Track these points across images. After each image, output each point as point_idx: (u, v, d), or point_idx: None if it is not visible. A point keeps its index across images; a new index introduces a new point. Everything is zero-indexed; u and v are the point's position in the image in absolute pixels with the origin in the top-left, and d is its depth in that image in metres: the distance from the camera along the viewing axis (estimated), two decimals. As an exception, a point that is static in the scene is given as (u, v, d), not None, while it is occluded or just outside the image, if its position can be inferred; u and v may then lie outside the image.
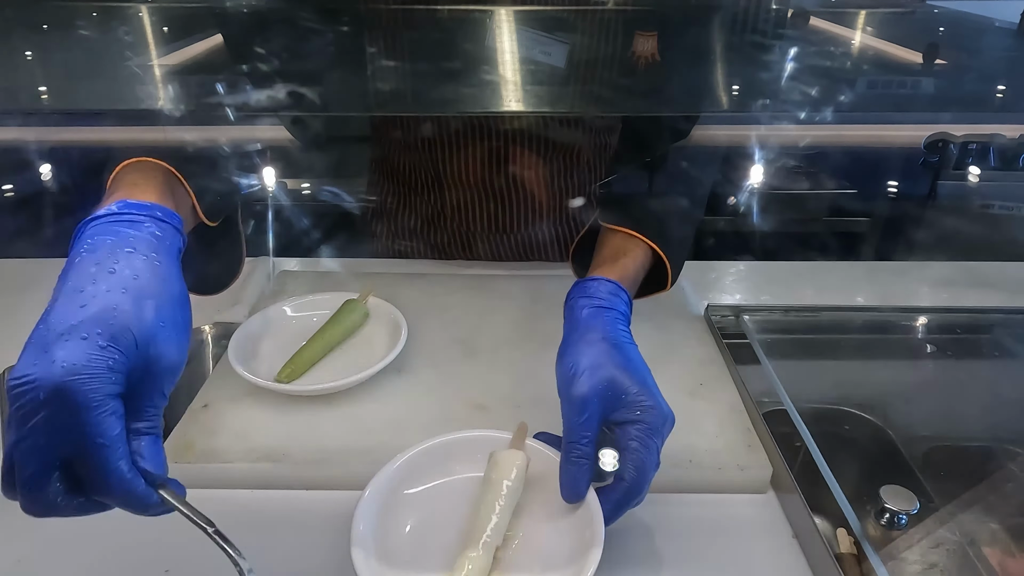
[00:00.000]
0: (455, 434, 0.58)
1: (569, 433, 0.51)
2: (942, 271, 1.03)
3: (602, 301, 0.58)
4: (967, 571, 0.57)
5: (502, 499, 0.52)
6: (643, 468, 0.50)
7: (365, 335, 0.79)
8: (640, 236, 0.67)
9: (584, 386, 0.52)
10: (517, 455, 0.54)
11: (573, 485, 0.51)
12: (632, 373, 0.52)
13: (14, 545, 0.57)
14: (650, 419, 0.51)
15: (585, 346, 0.54)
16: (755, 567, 0.56)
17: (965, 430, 0.77)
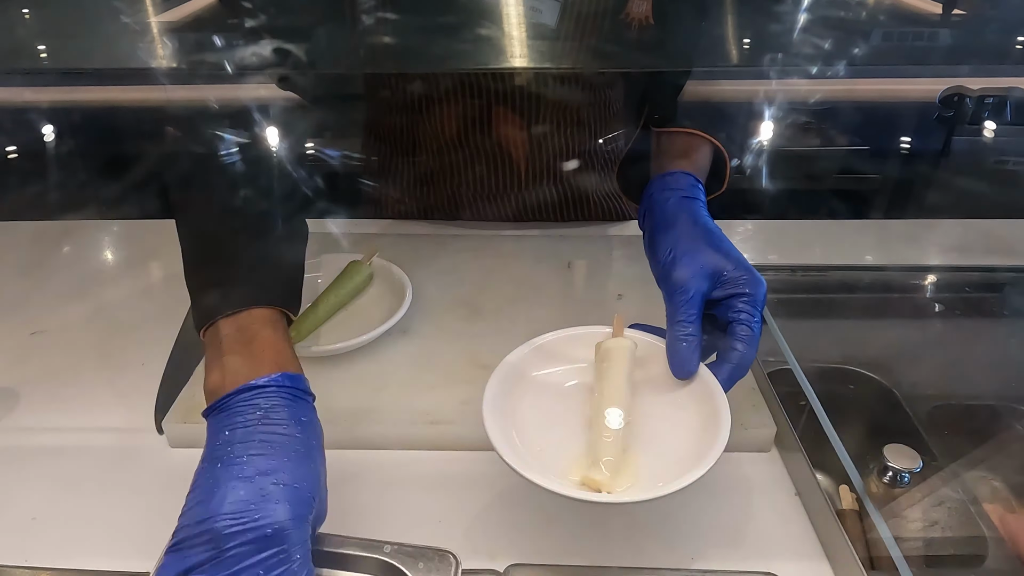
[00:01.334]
0: (557, 333, 0.59)
1: (675, 313, 0.54)
2: (954, 229, 1.01)
3: (685, 192, 0.61)
4: (968, 528, 0.58)
5: (622, 382, 0.53)
6: (753, 338, 0.53)
7: (370, 296, 0.79)
8: (707, 136, 0.69)
9: (686, 267, 0.55)
10: (624, 341, 0.56)
11: (684, 362, 0.53)
12: (727, 251, 0.56)
13: (30, 503, 0.58)
14: (752, 289, 0.53)
15: (678, 231, 0.57)
16: (758, 523, 0.57)
17: (972, 389, 0.77)
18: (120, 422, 0.66)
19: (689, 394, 0.54)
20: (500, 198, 0.94)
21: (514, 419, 0.53)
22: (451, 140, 0.87)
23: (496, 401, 0.53)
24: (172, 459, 0.63)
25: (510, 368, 0.56)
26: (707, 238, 0.57)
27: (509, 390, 0.55)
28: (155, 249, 0.95)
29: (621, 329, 0.58)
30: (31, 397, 0.69)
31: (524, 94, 0.83)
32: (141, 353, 0.75)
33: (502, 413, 0.52)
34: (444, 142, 0.87)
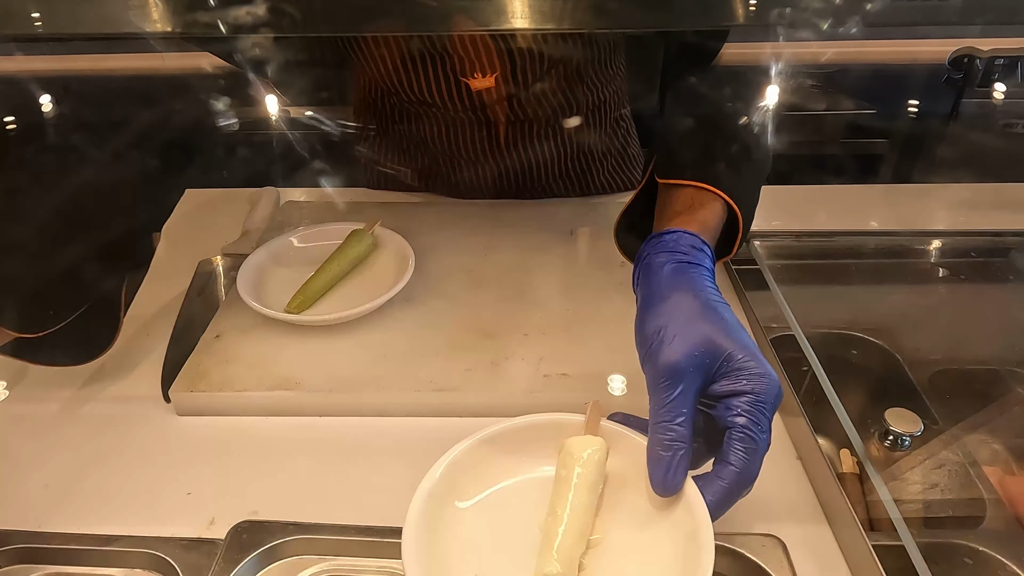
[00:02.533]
0: (511, 422, 0.49)
1: (660, 412, 0.43)
2: (961, 193, 1.00)
3: (685, 256, 0.50)
4: (967, 490, 0.58)
5: (582, 497, 0.44)
6: (754, 450, 0.42)
7: (372, 265, 0.79)
8: (715, 190, 0.56)
9: (676, 353, 0.43)
10: (593, 441, 0.46)
11: (667, 475, 0.42)
12: (732, 336, 0.44)
13: (42, 471, 0.59)
14: (759, 388, 0.42)
15: (672, 307, 0.46)
16: (759, 487, 0.58)
17: (975, 353, 0.77)
18: (127, 391, 0.67)
19: (669, 516, 0.43)
20: (499, 164, 0.92)
21: (448, 541, 0.45)
22: (450, 109, 0.85)
23: (423, 518, 0.44)
24: (180, 427, 0.63)
25: (448, 473, 0.46)
26: (707, 316, 0.45)
27: (444, 503, 0.46)
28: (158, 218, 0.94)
29: (596, 422, 0.48)
30: (38, 367, 0.69)
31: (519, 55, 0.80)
32: (146, 322, 0.75)
33: (430, 535, 0.44)
34: (444, 112, 0.86)
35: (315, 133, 1.52)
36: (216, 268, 0.84)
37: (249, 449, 0.61)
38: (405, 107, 0.87)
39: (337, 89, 1.08)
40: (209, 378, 0.64)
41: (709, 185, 0.57)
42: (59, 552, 0.51)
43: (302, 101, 1.48)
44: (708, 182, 0.57)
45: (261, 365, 0.66)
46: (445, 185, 0.95)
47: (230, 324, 0.71)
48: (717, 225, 0.56)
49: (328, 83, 1.11)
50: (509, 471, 0.49)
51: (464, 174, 0.92)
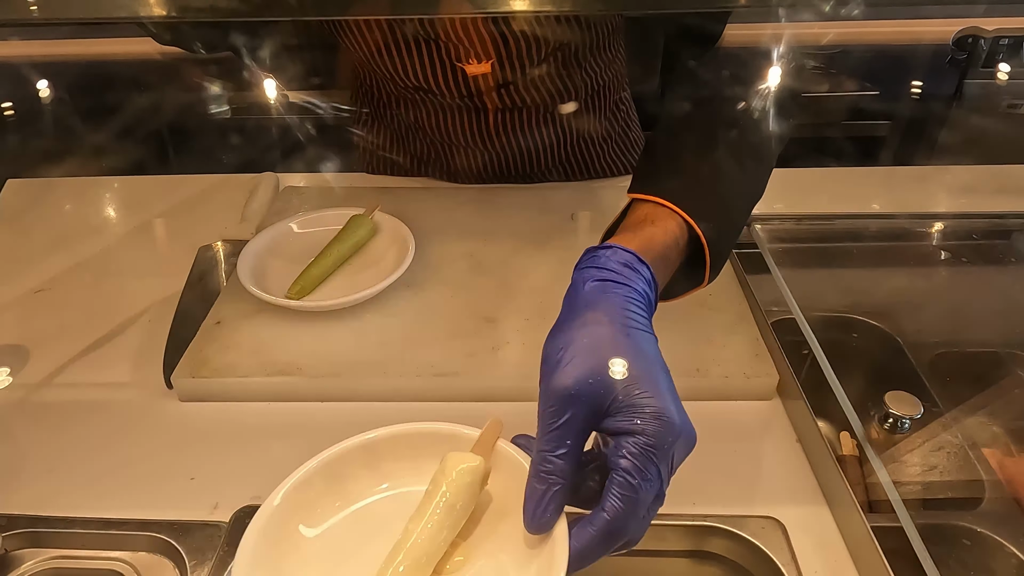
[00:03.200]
0: (396, 428, 0.46)
1: (542, 440, 0.39)
2: (964, 175, 1.00)
3: (612, 274, 0.45)
4: (966, 472, 0.59)
5: (439, 513, 0.41)
6: (632, 499, 0.36)
7: (373, 250, 0.79)
8: (669, 204, 0.51)
9: (568, 378, 0.38)
10: (472, 460, 0.42)
11: (537, 510, 0.38)
12: (637, 367, 0.39)
13: (47, 456, 0.59)
14: (652, 431, 0.37)
15: (579, 328, 0.41)
16: (759, 470, 0.58)
17: (975, 336, 0.77)
18: (129, 377, 0.67)
19: (532, 553, 0.40)
20: (500, 161, 0.91)
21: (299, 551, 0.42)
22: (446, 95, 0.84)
23: (270, 528, 0.41)
24: (182, 412, 0.64)
25: (310, 479, 0.44)
26: (614, 342, 0.40)
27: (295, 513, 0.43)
28: (155, 205, 0.94)
29: (491, 440, 0.44)
30: (40, 354, 0.70)
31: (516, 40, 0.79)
32: (147, 309, 0.75)
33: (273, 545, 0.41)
34: (441, 98, 0.85)
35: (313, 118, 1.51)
36: (216, 254, 0.84)
37: (251, 434, 0.62)
38: (402, 93, 0.87)
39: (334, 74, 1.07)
40: (211, 364, 0.65)
41: (663, 199, 0.52)
42: (64, 536, 0.52)
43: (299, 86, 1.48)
44: (665, 196, 0.52)
45: (262, 351, 0.66)
46: (445, 170, 0.95)
47: (231, 310, 0.71)
48: (668, 244, 0.50)
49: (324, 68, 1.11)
50: (393, 482, 0.46)
51: (463, 160, 0.92)
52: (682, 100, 0.65)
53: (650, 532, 0.53)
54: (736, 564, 0.53)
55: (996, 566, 0.51)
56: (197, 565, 0.49)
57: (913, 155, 1.76)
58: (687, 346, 0.66)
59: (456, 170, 0.93)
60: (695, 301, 0.72)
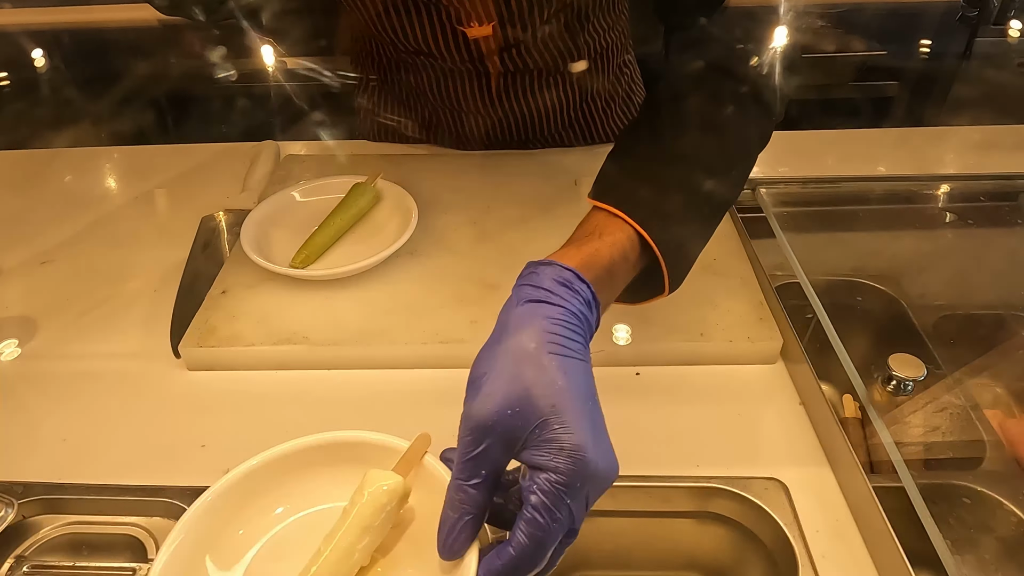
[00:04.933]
0: (324, 437, 0.45)
1: (458, 468, 0.38)
2: (973, 136, 0.98)
3: (546, 294, 0.42)
4: (968, 432, 0.59)
5: (352, 536, 0.40)
6: (537, 537, 0.36)
7: (376, 218, 0.78)
8: (622, 215, 0.48)
9: (486, 407, 0.37)
10: (391, 479, 0.41)
11: (448, 538, 0.38)
12: (558, 400, 0.37)
13: (59, 426, 0.60)
14: (564, 467, 0.36)
15: (503, 352, 0.39)
16: (762, 432, 0.59)
17: (980, 298, 0.77)
18: (137, 347, 0.68)
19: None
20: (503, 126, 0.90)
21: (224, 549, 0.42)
22: (447, 59, 0.83)
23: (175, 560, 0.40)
24: (190, 381, 0.64)
25: (233, 486, 0.43)
26: (537, 370, 0.38)
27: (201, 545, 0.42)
28: (157, 175, 0.94)
29: (418, 456, 0.43)
30: (49, 325, 0.70)
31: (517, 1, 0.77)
32: (152, 279, 0.75)
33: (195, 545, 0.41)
34: (442, 62, 0.84)
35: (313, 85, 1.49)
36: (219, 224, 0.84)
37: (259, 402, 0.62)
38: (403, 58, 0.85)
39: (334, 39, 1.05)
40: (217, 334, 0.65)
41: (617, 209, 0.49)
42: (80, 502, 0.53)
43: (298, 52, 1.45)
44: (618, 206, 0.49)
45: (268, 320, 0.66)
46: (447, 136, 0.94)
47: (236, 280, 0.71)
48: (616, 258, 0.47)
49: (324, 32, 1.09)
50: (313, 497, 0.45)
51: (466, 125, 0.91)
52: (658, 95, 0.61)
53: (655, 494, 0.55)
54: (739, 524, 0.54)
55: (996, 524, 0.52)
56: (211, 529, 0.50)
57: (922, 116, 1.74)
58: (691, 310, 0.66)
59: (459, 135, 0.92)
60: (699, 266, 0.71)
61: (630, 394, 0.62)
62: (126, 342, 0.68)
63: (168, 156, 0.98)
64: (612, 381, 0.63)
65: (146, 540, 0.51)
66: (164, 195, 0.91)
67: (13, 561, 0.49)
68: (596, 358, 0.63)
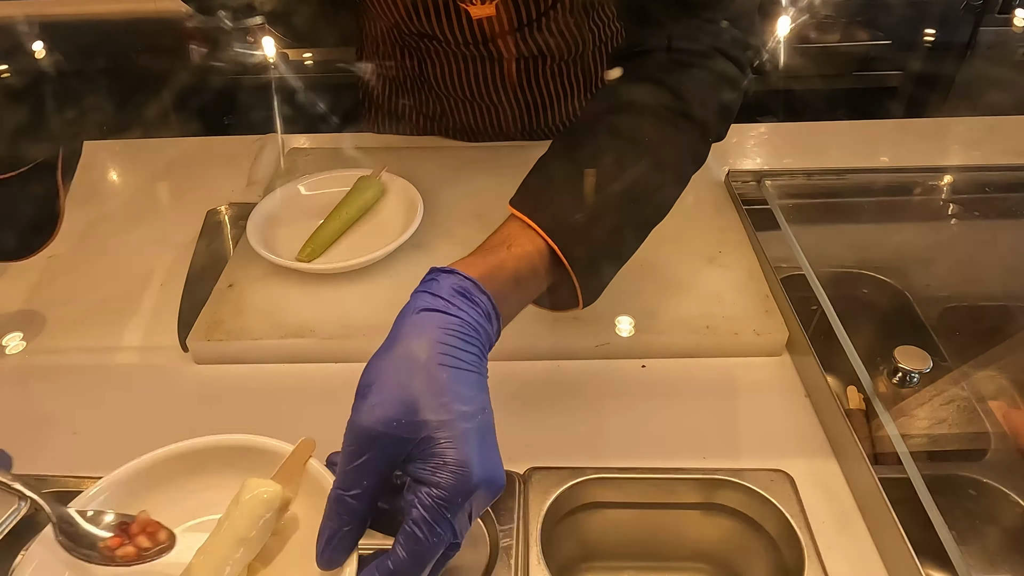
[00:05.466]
0: (207, 440, 0.44)
1: (339, 478, 0.37)
2: (978, 127, 0.98)
3: (443, 303, 0.41)
4: (973, 424, 0.59)
5: (227, 545, 0.39)
6: (416, 552, 0.35)
7: (381, 211, 0.78)
8: (533, 224, 0.48)
9: (371, 417, 0.36)
10: (268, 489, 0.40)
11: (326, 548, 0.37)
12: (444, 413, 0.37)
13: (70, 419, 0.60)
14: (447, 483, 0.35)
15: (391, 361, 0.39)
16: (768, 424, 0.59)
17: (986, 290, 0.77)
18: (145, 341, 0.68)
19: None
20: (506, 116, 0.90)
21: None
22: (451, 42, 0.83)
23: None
24: (198, 375, 0.65)
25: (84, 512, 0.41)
26: (425, 382, 0.37)
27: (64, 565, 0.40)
28: (159, 168, 0.94)
29: (300, 462, 0.42)
30: (57, 319, 0.71)
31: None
32: (158, 272, 0.76)
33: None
34: (447, 46, 0.83)
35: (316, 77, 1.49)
36: (224, 218, 0.84)
37: (267, 395, 0.63)
38: (408, 42, 0.85)
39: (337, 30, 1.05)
40: (225, 327, 0.65)
41: (528, 218, 0.48)
42: (91, 496, 0.53)
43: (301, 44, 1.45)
44: (530, 215, 0.48)
45: (275, 313, 0.67)
46: (451, 128, 0.94)
47: (242, 273, 0.71)
48: (522, 269, 0.46)
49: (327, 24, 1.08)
50: (194, 504, 0.44)
51: (469, 115, 0.91)
52: (595, 105, 0.59)
53: (661, 486, 0.55)
54: (745, 516, 0.54)
55: (1001, 515, 0.53)
56: (221, 521, 0.50)
57: (926, 106, 1.73)
58: (697, 304, 0.66)
59: (465, 126, 0.92)
60: (704, 259, 0.72)
61: (636, 387, 0.62)
62: (134, 336, 0.69)
63: (171, 149, 0.98)
64: (618, 374, 0.63)
65: (157, 532, 0.51)
66: (167, 189, 0.91)
67: (26, 553, 0.50)
68: (601, 351, 0.63)
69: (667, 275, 0.70)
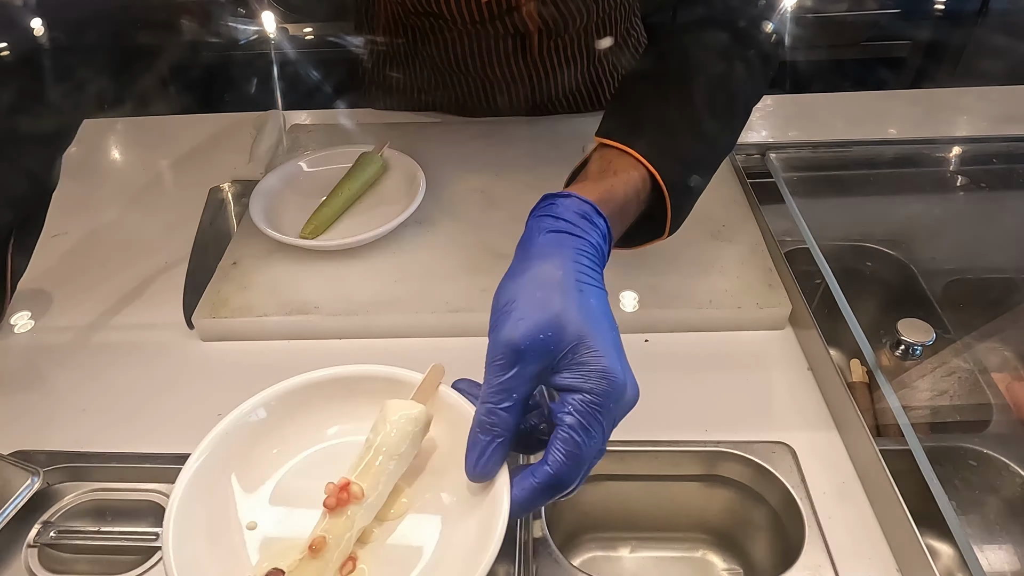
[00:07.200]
0: (336, 371, 0.46)
1: (488, 392, 0.39)
2: (988, 97, 0.97)
3: (569, 225, 0.43)
4: (975, 396, 0.59)
5: (379, 462, 0.40)
6: (575, 455, 0.37)
7: (383, 187, 0.78)
8: (634, 154, 0.50)
9: (518, 331, 0.38)
10: (411, 407, 0.42)
11: (479, 461, 0.39)
12: (588, 324, 0.39)
13: (78, 396, 0.61)
14: (599, 388, 0.37)
15: (530, 280, 0.41)
16: (770, 397, 0.59)
17: (990, 262, 0.76)
18: (151, 319, 0.69)
19: (474, 501, 0.40)
20: (509, 91, 0.89)
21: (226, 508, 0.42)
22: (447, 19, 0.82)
23: (199, 480, 0.41)
24: (204, 352, 0.65)
25: (242, 426, 0.44)
26: (565, 296, 0.39)
27: (227, 463, 0.43)
28: (160, 146, 0.93)
29: (433, 386, 0.44)
30: (63, 298, 0.71)
31: None
32: (162, 250, 0.76)
33: (205, 508, 0.41)
34: (448, 22, 0.82)
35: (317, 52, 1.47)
36: (226, 195, 0.84)
37: (273, 372, 0.63)
38: (411, 21, 0.84)
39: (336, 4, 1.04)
40: (229, 305, 0.66)
41: (630, 148, 0.50)
42: (102, 470, 0.54)
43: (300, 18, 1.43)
44: (631, 145, 0.50)
45: (279, 290, 0.67)
46: (453, 103, 0.93)
47: (246, 251, 0.71)
48: (629, 195, 0.49)
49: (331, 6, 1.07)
50: (332, 428, 0.46)
51: (471, 90, 0.90)
52: (664, 42, 0.62)
53: (664, 458, 0.55)
54: (747, 487, 0.55)
55: (1001, 485, 0.53)
56: (230, 495, 0.51)
57: (935, 77, 1.70)
58: (700, 277, 0.66)
59: (467, 102, 0.92)
60: (708, 233, 0.71)
61: (639, 361, 0.62)
62: (140, 314, 0.69)
63: (172, 127, 0.98)
64: (621, 348, 0.63)
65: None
66: (169, 167, 0.91)
67: (40, 527, 0.51)
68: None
69: (670, 249, 0.69)
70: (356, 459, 0.41)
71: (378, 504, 0.41)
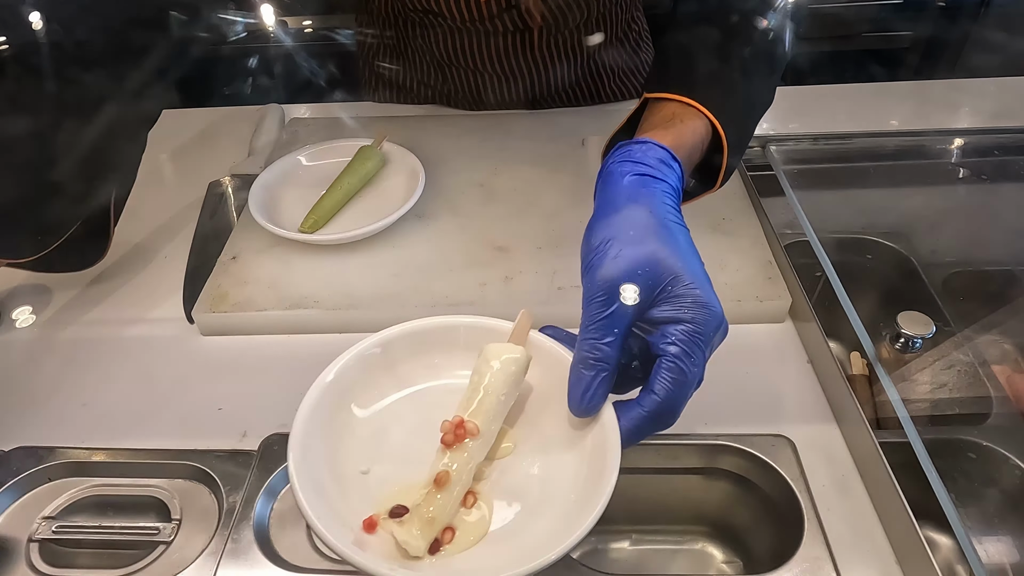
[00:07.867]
0: (427, 321, 0.48)
1: (589, 328, 0.40)
2: (989, 89, 0.96)
3: (650, 169, 0.45)
4: (975, 388, 0.59)
5: (488, 404, 0.42)
6: (681, 382, 0.39)
7: (383, 181, 0.78)
8: (696, 104, 0.51)
9: (617, 268, 0.40)
10: (512, 349, 0.43)
11: (585, 396, 0.40)
12: (682, 259, 0.41)
13: (79, 391, 0.61)
14: (700, 319, 0.39)
15: (623, 220, 0.42)
16: (770, 390, 0.59)
17: (991, 255, 0.76)
18: (151, 313, 0.69)
19: (582, 436, 0.42)
20: (508, 85, 0.89)
21: (344, 441, 0.43)
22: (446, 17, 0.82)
23: (313, 422, 0.42)
24: (204, 346, 0.65)
25: (349, 373, 0.45)
26: (658, 235, 0.41)
27: (341, 405, 0.44)
28: (160, 139, 0.93)
29: (525, 331, 0.45)
30: (62, 293, 0.71)
31: None
32: (162, 244, 0.76)
33: (323, 439, 0.42)
34: (447, 19, 0.82)
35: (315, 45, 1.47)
36: (226, 189, 0.84)
37: (273, 366, 0.63)
38: (411, 16, 0.84)
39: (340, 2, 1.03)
40: (229, 299, 0.66)
41: (692, 100, 0.52)
42: (104, 465, 0.54)
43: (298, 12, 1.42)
44: (692, 97, 0.52)
45: (279, 284, 0.67)
46: (452, 97, 0.93)
47: (245, 245, 0.71)
48: (695, 144, 0.51)
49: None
50: (423, 374, 0.47)
51: (471, 84, 0.90)
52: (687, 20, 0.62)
53: (663, 451, 0.55)
54: (746, 480, 0.55)
55: (1000, 478, 0.53)
56: (232, 490, 0.51)
57: (936, 69, 1.70)
58: (700, 271, 0.66)
59: (467, 95, 0.91)
60: (708, 225, 0.71)
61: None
62: (140, 309, 0.69)
63: (171, 120, 0.97)
64: (621, 341, 0.63)
65: (169, 501, 0.52)
66: (169, 160, 0.91)
67: (42, 521, 0.51)
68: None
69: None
70: (464, 400, 0.43)
71: (490, 441, 0.42)
